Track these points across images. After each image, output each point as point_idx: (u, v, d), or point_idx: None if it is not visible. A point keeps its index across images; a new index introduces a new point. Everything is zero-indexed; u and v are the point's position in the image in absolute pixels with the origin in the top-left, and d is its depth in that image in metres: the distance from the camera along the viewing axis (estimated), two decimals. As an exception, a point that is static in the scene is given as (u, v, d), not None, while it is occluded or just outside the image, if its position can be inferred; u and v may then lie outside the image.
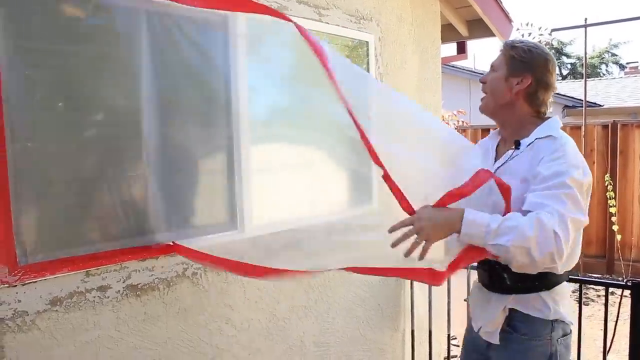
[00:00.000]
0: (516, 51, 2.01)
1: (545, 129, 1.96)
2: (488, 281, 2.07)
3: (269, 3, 2.80)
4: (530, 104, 2.01)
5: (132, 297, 2.28)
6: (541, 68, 1.99)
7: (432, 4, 4.12)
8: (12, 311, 1.94)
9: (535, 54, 1.99)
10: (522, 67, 1.99)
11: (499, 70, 2.05)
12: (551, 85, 2.02)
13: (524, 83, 1.98)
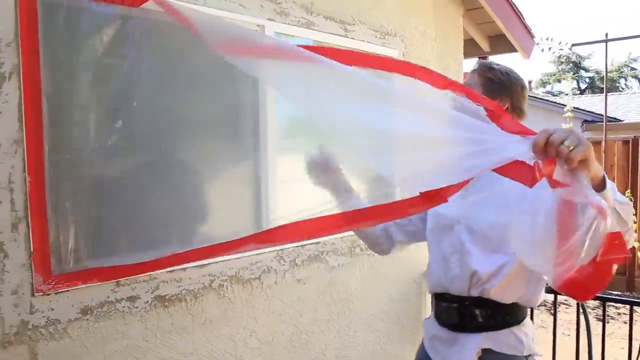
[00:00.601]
0: (494, 73, 1.92)
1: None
2: (457, 321, 1.92)
3: (297, 18, 2.84)
4: None
5: (159, 308, 2.31)
6: (518, 94, 1.92)
7: (455, 19, 4.14)
8: (45, 319, 1.98)
9: (513, 79, 1.92)
10: (500, 90, 1.89)
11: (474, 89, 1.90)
12: (524, 112, 1.96)
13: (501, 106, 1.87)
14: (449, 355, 1.94)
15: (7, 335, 1.89)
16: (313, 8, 2.93)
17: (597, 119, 12.33)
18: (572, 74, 30.13)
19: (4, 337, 1.88)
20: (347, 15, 3.15)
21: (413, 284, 3.71)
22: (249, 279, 2.65)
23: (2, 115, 1.85)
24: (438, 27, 3.93)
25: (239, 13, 2.56)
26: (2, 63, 1.84)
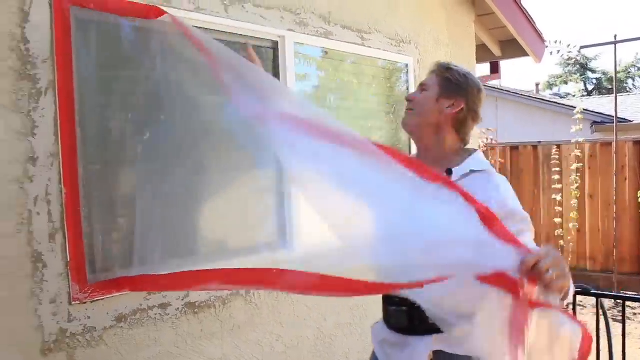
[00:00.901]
0: (451, 74, 1.90)
1: (478, 162, 1.87)
2: (407, 324, 1.87)
3: (315, 29, 2.90)
4: (458, 131, 1.90)
5: (190, 315, 2.36)
6: (474, 96, 1.90)
7: (468, 25, 4.19)
8: (83, 327, 2.04)
9: (470, 81, 1.91)
10: (456, 90, 1.88)
11: (430, 90, 1.91)
12: (479, 116, 1.94)
13: (455, 107, 1.87)
14: (397, 357, 1.90)
15: (47, 343, 1.94)
16: (331, 18, 2.99)
17: (606, 120, 12.31)
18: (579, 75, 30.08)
19: (44, 345, 1.94)
20: (363, 24, 3.20)
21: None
22: (275, 285, 2.70)
23: (40, 129, 1.91)
24: (451, 33, 3.98)
25: (260, 24, 2.62)
26: (39, 79, 1.90)
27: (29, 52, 1.88)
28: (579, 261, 8.62)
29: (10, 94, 1.84)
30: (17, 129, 1.86)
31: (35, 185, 1.90)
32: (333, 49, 3.07)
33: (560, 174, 8.34)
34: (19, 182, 1.87)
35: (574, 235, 8.38)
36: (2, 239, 1.83)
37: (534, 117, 13.06)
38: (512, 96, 13.77)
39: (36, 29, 1.89)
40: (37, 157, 1.90)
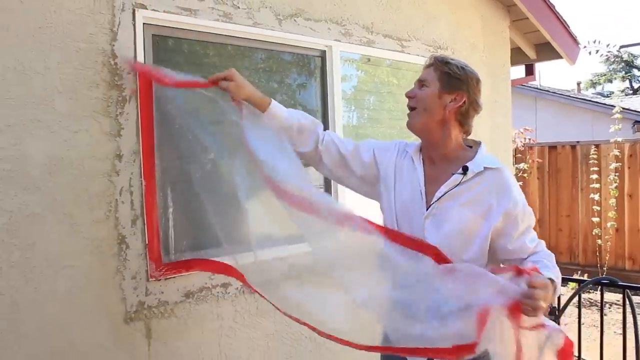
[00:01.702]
0: (450, 67, 1.89)
1: (490, 159, 1.91)
2: None
3: (359, 38, 3.18)
4: (462, 123, 1.93)
5: (247, 294, 2.67)
6: (474, 87, 1.91)
7: (502, 30, 4.40)
8: (157, 300, 2.36)
9: (469, 72, 1.91)
10: (457, 84, 1.88)
11: (431, 86, 1.90)
12: (480, 105, 1.96)
13: (458, 101, 1.88)
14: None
15: (129, 313, 2.28)
16: (373, 28, 3.27)
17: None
18: (625, 73, 29.45)
19: (127, 314, 2.27)
20: (403, 32, 3.47)
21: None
22: (321, 270, 2.99)
23: (125, 131, 2.24)
24: (486, 38, 4.20)
25: (310, 36, 2.92)
26: (124, 88, 2.24)
27: (117, 66, 2.21)
28: (617, 261, 8.66)
29: (102, 101, 2.18)
30: (107, 131, 2.20)
31: (120, 178, 2.24)
32: (375, 56, 3.34)
33: (599, 173, 8.40)
34: (108, 175, 2.20)
35: (613, 235, 8.43)
36: (96, 223, 2.17)
37: (573, 116, 13.03)
38: (551, 95, 13.74)
39: (123, 46, 2.22)
40: (123, 154, 2.24)
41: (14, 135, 1.96)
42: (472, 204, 1.83)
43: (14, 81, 1.96)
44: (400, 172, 2.00)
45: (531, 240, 1.88)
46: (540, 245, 1.91)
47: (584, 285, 3.49)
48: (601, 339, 3.58)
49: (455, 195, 1.85)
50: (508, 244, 1.85)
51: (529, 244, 1.86)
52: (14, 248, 1.97)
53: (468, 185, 1.84)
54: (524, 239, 1.86)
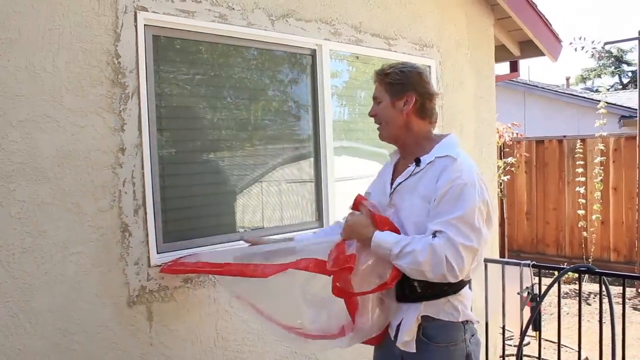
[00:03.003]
0: (390, 77, 2.05)
1: (444, 148, 2.01)
2: (399, 292, 2.04)
3: (348, 37, 3.34)
4: (423, 117, 2.08)
5: (242, 279, 2.83)
6: (419, 83, 2.05)
7: (487, 28, 4.57)
8: (158, 285, 2.52)
9: (408, 72, 2.05)
10: (402, 88, 2.04)
11: (383, 100, 2.09)
12: (433, 93, 2.10)
13: (410, 102, 2.03)
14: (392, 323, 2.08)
15: (132, 297, 2.43)
16: (361, 27, 3.42)
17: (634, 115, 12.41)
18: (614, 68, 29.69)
19: (129, 298, 2.42)
20: (390, 31, 3.63)
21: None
22: (312, 258, 3.16)
23: (127, 126, 2.39)
24: (471, 36, 4.36)
25: (301, 35, 3.07)
26: (127, 86, 2.39)
27: (120, 65, 2.36)
28: (602, 253, 8.87)
29: (106, 98, 2.32)
30: (111, 126, 2.34)
31: (124, 170, 2.39)
32: (363, 54, 3.50)
33: (585, 167, 8.60)
34: (112, 167, 2.35)
35: (598, 227, 8.63)
36: (101, 212, 2.32)
37: (561, 111, 13.23)
38: (539, 91, 13.93)
39: (125, 46, 2.37)
40: (126, 148, 2.39)
41: (25, 130, 2.11)
42: (421, 192, 1.97)
43: (25, 79, 2.11)
44: (381, 180, 2.22)
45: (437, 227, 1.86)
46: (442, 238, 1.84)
47: (563, 273, 3.66)
48: (579, 325, 3.75)
49: (408, 185, 2.02)
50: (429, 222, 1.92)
51: (431, 228, 1.88)
52: (25, 235, 2.12)
53: (420, 175, 2.00)
54: (429, 223, 1.89)
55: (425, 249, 1.82)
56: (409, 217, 2.00)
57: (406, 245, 1.86)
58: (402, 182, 2.04)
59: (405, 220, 2.01)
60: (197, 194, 2.75)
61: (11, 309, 2.09)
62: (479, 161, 4.45)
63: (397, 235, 1.93)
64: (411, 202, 2.00)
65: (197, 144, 2.74)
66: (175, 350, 2.56)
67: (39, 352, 2.16)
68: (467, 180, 1.89)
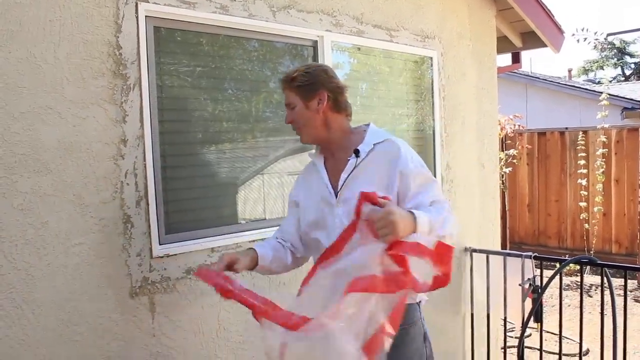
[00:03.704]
0: (298, 80, 2.07)
1: (378, 135, 2.09)
2: None
3: (349, 28, 3.33)
4: (339, 111, 2.11)
5: (244, 272, 2.83)
6: (326, 80, 2.08)
7: (489, 20, 4.55)
8: (160, 276, 2.53)
9: (313, 72, 2.09)
10: (312, 88, 2.06)
11: (297, 104, 2.09)
12: (342, 87, 2.12)
13: (323, 99, 2.06)
14: None
15: (134, 288, 2.44)
16: (363, 18, 3.41)
17: (637, 106, 12.42)
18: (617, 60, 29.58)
19: (132, 289, 2.43)
20: (391, 23, 3.62)
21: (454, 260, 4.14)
22: (314, 249, 3.16)
23: (129, 117, 2.39)
24: (473, 28, 4.35)
25: (302, 27, 3.06)
26: (128, 77, 2.39)
27: (122, 56, 2.36)
28: (604, 245, 8.87)
29: (108, 90, 2.33)
30: (113, 117, 2.34)
31: (125, 162, 2.39)
32: (365, 45, 3.49)
33: (587, 159, 8.59)
34: (114, 159, 2.36)
35: (600, 219, 8.63)
36: (103, 204, 2.32)
37: (564, 103, 13.21)
38: (541, 82, 13.91)
39: (126, 37, 2.37)
40: (127, 139, 2.39)
41: (26, 122, 2.11)
42: (373, 180, 2.00)
43: (26, 71, 2.11)
44: (309, 186, 2.20)
45: (429, 198, 1.97)
46: (439, 204, 1.97)
47: (565, 264, 3.67)
48: (580, 317, 3.77)
49: (356, 177, 2.04)
50: (407, 204, 1.97)
51: (426, 202, 1.96)
52: (28, 226, 2.13)
53: (364, 165, 2.03)
54: (421, 198, 1.97)
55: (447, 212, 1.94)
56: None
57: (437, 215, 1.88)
58: (348, 177, 2.05)
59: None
60: (199, 186, 2.75)
61: (14, 300, 2.10)
62: (480, 153, 4.47)
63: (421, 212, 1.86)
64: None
65: (198, 135, 2.75)
66: (177, 341, 2.58)
67: (42, 343, 2.17)
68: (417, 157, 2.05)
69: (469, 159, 4.38)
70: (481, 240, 4.48)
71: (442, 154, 4.05)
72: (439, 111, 4.01)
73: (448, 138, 4.12)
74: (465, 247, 4.27)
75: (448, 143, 4.13)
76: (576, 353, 4.21)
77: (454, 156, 4.19)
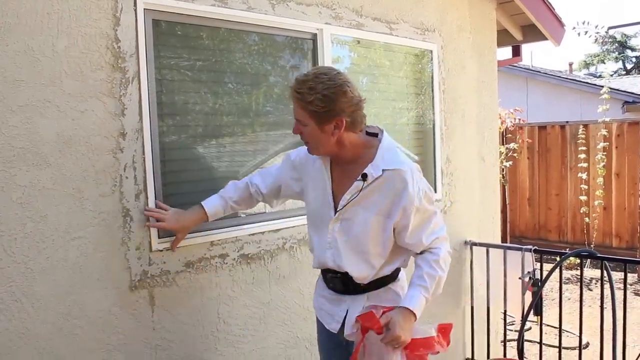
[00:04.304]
0: (313, 105, 1.91)
1: (388, 159, 2.02)
2: (342, 288, 2.19)
3: (349, 21, 3.32)
4: (354, 129, 2.01)
5: (244, 264, 2.84)
6: (344, 102, 1.92)
7: (489, 12, 4.54)
8: (160, 270, 2.52)
9: (332, 97, 1.89)
10: (328, 115, 1.92)
11: (309, 124, 1.97)
12: (357, 102, 1.97)
13: (340, 125, 1.94)
14: (335, 312, 2.24)
15: (133, 281, 2.44)
16: (362, 11, 3.40)
17: (638, 100, 12.39)
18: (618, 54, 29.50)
19: (131, 283, 2.43)
20: (391, 15, 3.60)
21: (454, 252, 4.14)
22: (314, 243, 3.16)
23: (128, 110, 2.39)
24: (473, 20, 4.33)
25: (301, 19, 3.05)
26: (127, 70, 2.38)
27: (120, 49, 2.35)
28: (604, 238, 8.88)
29: (106, 83, 2.32)
30: (112, 111, 2.34)
31: (124, 155, 2.38)
32: (365, 38, 3.47)
33: (587, 153, 8.58)
34: (113, 152, 2.35)
35: (600, 213, 8.64)
36: (102, 197, 2.32)
37: (564, 96, 13.18)
38: (542, 76, 13.88)
39: (125, 31, 2.36)
40: (126, 133, 2.38)
41: (25, 115, 2.10)
42: (375, 206, 2.05)
43: (24, 64, 2.10)
44: (314, 179, 2.21)
45: (428, 235, 2.10)
46: (438, 242, 2.12)
47: (565, 257, 3.67)
48: (580, 311, 3.77)
49: (359, 201, 2.05)
50: (405, 238, 2.09)
51: (425, 241, 2.09)
52: (27, 220, 2.12)
53: (370, 190, 2.03)
54: (420, 235, 2.08)
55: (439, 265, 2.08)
56: (365, 233, 2.08)
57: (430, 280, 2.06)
58: (351, 199, 2.05)
59: (362, 235, 2.09)
60: (198, 179, 2.74)
61: (14, 294, 2.10)
62: (481, 146, 4.46)
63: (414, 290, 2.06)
64: (365, 218, 2.06)
65: (198, 129, 2.74)
66: (177, 334, 2.58)
67: (41, 336, 2.17)
68: (423, 188, 2.06)
69: (469, 152, 4.37)
70: (481, 234, 4.48)
71: (442, 147, 4.04)
72: (439, 104, 4.00)
73: (448, 131, 4.12)
74: (466, 241, 4.27)
75: (448, 136, 4.12)
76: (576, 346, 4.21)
77: (454, 149, 4.19)
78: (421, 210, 2.05)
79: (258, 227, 2.90)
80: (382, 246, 2.09)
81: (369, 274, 2.13)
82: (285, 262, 3.02)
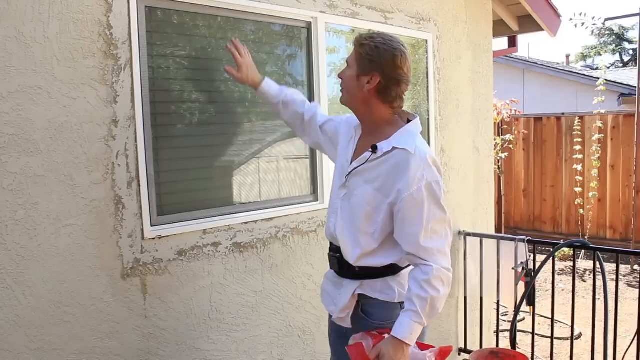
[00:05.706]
0: (364, 49, 1.97)
1: (404, 139, 1.98)
2: (339, 269, 2.15)
3: (344, 10, 3.30)
4: (383, 100, 2.01)
5: (236, 253, 2.84)
6: (389, 65, 1.95)
7: (485, 3, 4.52)
8: (152, 258, 2.52)
9: (383, 51, 1.95)
10: (370, 66, 1.96)
11: (352, 68, 2.03)
12: (402, 79, 2.00)
13: (373, 82, 1.97)
14: (334, 294, 2.19)
15: (126, 269, 2.43)
16: (357, 0, 3.38)
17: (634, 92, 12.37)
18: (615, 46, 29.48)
19: (124, 271, 2.43)
20: (386, 4, 3.58)
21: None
22: (307, 231, 3.17)
23: (120, 98, 2.37)
24: (469, 10, 4.32)
25: (296, 8, 3.03)
26: (120, 57, 2.36)
27: (113, 36, 2.33)
28: (598, 230, 8.92)
29: (98, 70, 2.30)
30: (104, 98, 2.33)
31: (117, 143, 2.37)
32: (360, 27, 3.45)
33: (582, 144, 8.59)
34: (105, 140, 2.34)
35: (595, 205, 8.67)
36: (94, 185, 2.31)
37: (561, 88, 13.17)
38: (539, 68, 13.85)
39: (118, 17, 2.34)
40: (118, 120, 2.37)
41: (16, 102, 2.09)
42: (375, 181, 1.99)
43: (15, 50, 2.08)
44: (343, 148, 2.20)
45: (426, 239, 1.93)
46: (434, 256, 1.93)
47: (558, 248, 3.68)
48: (572, 301, 3.79)
49: (363, 171, 2.03)
50: (398, 230, 1.98)
51: (422, 242, 1.93)
52: (18, 207, 2.12)
53: (376, 163, 2.00)
54: (416, 232, 1.93)
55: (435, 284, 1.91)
56: (361, 206, 2.02)
57: (420, 308, 1.90)
58: (358, 167, 2.04)
59: (357, 208, 2.04)
60: (191, 167, 2.73)
61: (5, 281, 2.10)
62: (475, 136, 4.46)
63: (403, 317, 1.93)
64: (364, 191, 2.02)
65: (190, 117, 2.73)
66: (169, 322, 2.58)
67: (33, 324, 2.17)
68: (429, 179, 1.93)
69: (464, 142, 4.37)
70: (475, 224, 4.49)
71: (436, 137, 4.04)
72: (434, 94, 3.99)
73: (442, 121, 4.11)
74: (459, 231, 4.28)
75: (442, 126, 4.12)
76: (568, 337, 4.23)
77: (449, 140, 4.19)
78: (418, 200, 1.91)
79: (251, 216, 2.89)
80: (374, 226, 2.00)
81: (354, 252, 2.05)
82: (278, 251, 3.02)
